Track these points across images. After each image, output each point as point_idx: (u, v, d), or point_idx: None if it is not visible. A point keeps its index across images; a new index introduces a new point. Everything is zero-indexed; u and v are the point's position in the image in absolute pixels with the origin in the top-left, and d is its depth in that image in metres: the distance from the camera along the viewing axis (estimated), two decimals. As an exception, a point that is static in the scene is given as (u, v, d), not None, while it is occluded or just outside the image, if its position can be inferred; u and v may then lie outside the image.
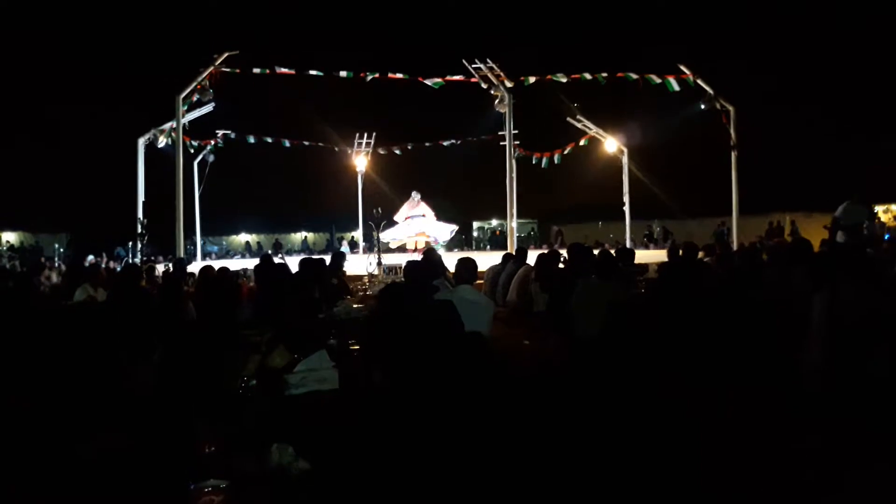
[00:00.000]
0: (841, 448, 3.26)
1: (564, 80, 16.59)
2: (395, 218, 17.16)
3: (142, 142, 17.65)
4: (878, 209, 24.34)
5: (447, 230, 18.04)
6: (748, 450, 3.31)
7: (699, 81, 16.13)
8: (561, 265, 7.89)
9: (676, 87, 16.17)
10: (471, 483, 2.60)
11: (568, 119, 20.10)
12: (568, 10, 29.19)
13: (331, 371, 3.68)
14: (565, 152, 20.54)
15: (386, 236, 16.30)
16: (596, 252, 7.64)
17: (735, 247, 14.66)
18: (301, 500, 2.23)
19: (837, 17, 25.13)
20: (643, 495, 2.81)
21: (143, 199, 17.14)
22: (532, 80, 16.27)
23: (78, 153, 25.16)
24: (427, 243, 16.46)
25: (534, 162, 20.01)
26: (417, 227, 17.09)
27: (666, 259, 9.22)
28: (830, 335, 4.09)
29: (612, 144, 20.84)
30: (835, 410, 3.70)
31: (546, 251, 10.07)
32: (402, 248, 17.28)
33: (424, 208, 17.62)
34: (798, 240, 8.09)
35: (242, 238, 32.81)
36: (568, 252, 7.60)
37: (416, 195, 17.80)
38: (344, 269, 9.20)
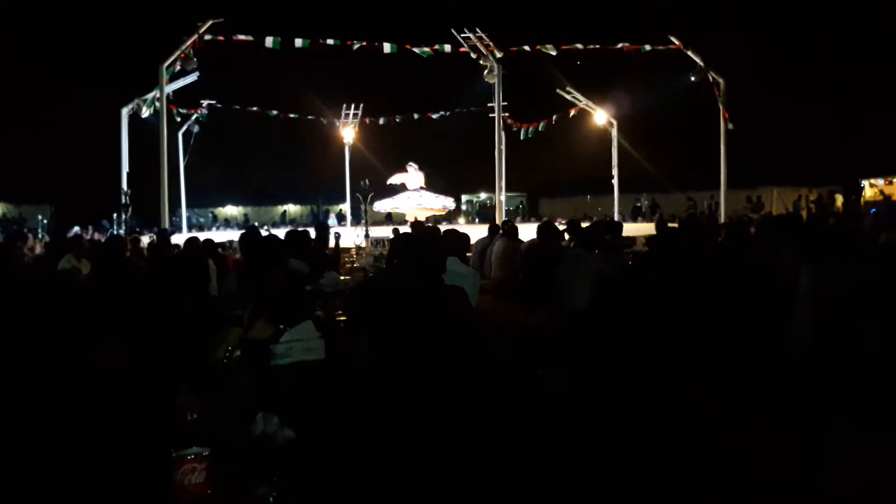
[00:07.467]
0: (832, 423, 3.27)
1: (554, 52, 16.43)
2: (391, 181, 17.05)
3: (125, 112, 17.39)
4: (864, 184, 24.49)
5: (448, 202, 18.14)
6: (746, 435, 3.29)
7: (690, 53, 16.03)
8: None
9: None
10: (459, 454, 2.59)
11: (558, 91, 19.96)
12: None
13: (317, 341, 3.65)
14: (553, 120, 20.43)
15: (384, 206, 16.30)
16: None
17: (722, 220, 14.70)
18: (285, 469, 2.22)
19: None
20: (638, 487, 2.81)
21: (128, 171, 16.92)
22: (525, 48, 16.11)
23: (61, 124, 24.71)
24: (443, 209, 16.69)
25: (521, 137, 19.87)
26: (418, 199, 17.03)
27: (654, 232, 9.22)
28: (817, 308, 4.09)
29: (601, 117, 20.74)
30: (825, 384, 3.71)
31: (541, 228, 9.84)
32: (404, 222, 17.19)
33: (421, 180, 17.55)
34: (787, 213, 8.11)
35: (228, 210, 32.48)
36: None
37: (411, 166, 17.69)
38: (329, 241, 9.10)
